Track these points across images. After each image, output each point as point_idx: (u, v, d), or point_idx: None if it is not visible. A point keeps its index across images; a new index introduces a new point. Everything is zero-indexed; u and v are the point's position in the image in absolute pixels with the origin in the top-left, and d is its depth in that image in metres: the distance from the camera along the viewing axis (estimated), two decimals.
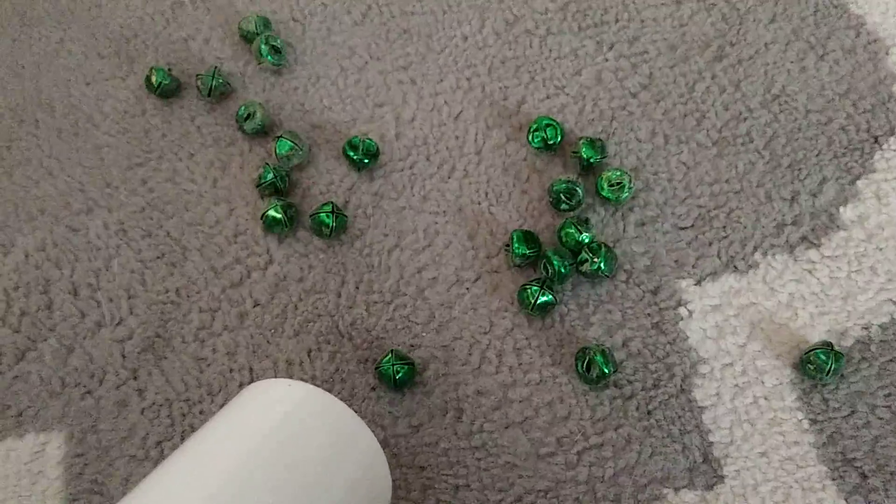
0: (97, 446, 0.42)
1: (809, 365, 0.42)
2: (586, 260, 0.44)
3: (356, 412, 0.42)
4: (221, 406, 0.43)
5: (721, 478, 0.41)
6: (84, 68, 0.53)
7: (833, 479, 0.40)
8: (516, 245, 0.45)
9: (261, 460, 0.30)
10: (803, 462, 0.41)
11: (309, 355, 0.44)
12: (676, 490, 0.40)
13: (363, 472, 0.33)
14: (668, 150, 0.49)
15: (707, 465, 0.41)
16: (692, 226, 0.47)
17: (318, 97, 0.51)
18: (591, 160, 0.47)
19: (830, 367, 0.41)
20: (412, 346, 0.44)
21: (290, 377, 0.43)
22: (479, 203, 0.48)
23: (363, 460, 0.33)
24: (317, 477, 0.31)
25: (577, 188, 0.45)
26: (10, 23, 0.55)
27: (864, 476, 0.40)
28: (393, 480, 0.41)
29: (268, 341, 0.44)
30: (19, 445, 0.42)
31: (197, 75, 0.51)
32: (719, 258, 0.46)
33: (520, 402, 0.43)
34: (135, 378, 0.44)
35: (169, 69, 0.52)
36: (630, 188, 0.46)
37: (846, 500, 0.40)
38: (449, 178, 0.49)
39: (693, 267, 0.45)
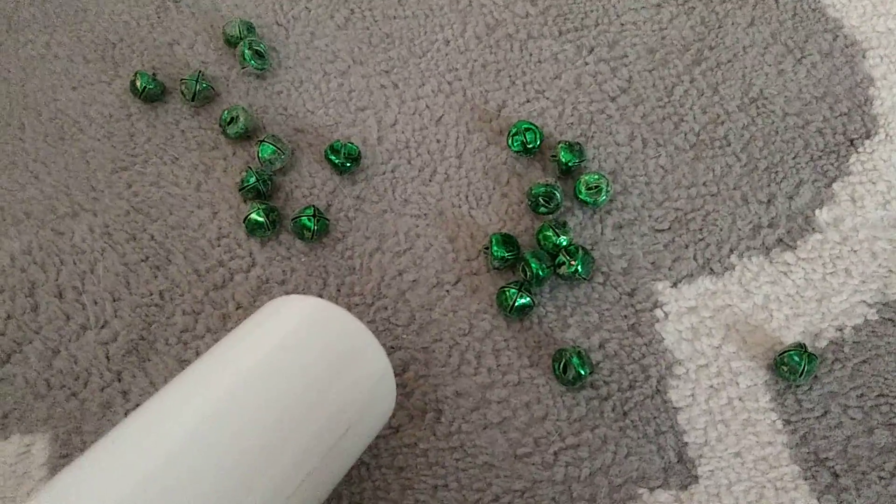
0: (82, 448, 0.43)
1: (783, 366, 0.42)
2: (564, 262, 0.44)
3: None
4: None
5: (695, 478, 0.41)
6: (70, 73, 0.54)
7: (805, 479, 0.41)
8: (495, 248, 0.45)
9: (268, 367, 0.32)
10: (776, 462, 0.41)
11: None
12: (651, 490, 0.41)
13: (369, 378, 0.35)
14: (646, 154, 0.49)
15: (682, 466, 0.41)
16: (669, 228, 0.47)
17: (300, 101, 0.52)
18: (570, 164, 0.47)
19: (804, 369, 0.42)
20: (392, 347, 0.45)
21: None
22: (460, 206, 0.48)
23: (369, 368, 0.35)
24: (322, 383, 0.33)
25: (556, 192, 0.46)
26: None
27: (836, 475, 0.41)
28: (372, 482, 0.41)
29: None
30: (4, 447, 0.43)
31: (181, 80, 0.51)
32: (695, 260, 0.46)
33: (498, 402, 0.43)
34: (119, 380, 0.44)
35: (153, 74, 0.52)
36: (608, 192, 0.46)
37: (818, 499, 0.41)
38: (430, 181, 0.49)
39: (669, 269, 0.46)
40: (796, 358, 0.42)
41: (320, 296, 0.46)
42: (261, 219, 0.46)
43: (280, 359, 0.33)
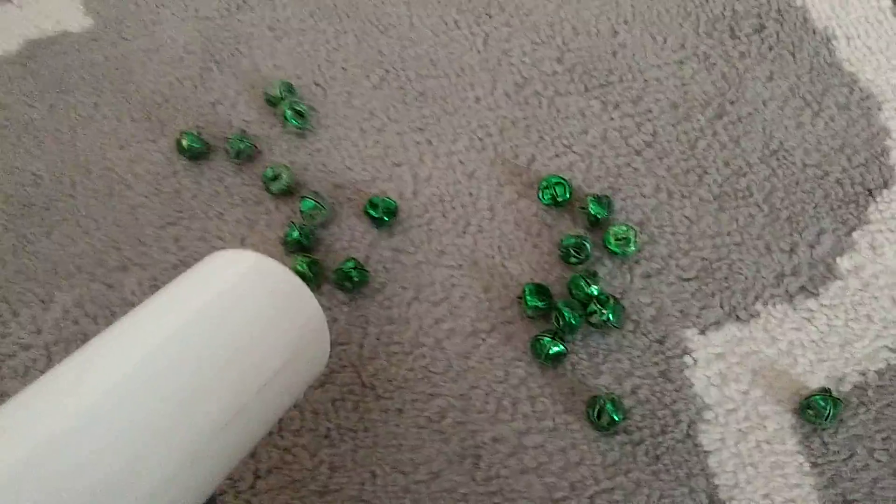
0: None
1: (809, 410, 0.44)
2: (595, 311, 0.46)
3: (379, 460, 0.44)
4: (252, 455, 0.45)
5: None
6: (118, 132, 0.56)
7: None
8: (529, 297, 0.47)
9: (204, 312, 0.34)
10: (805, 503, 0.43)
11: (333, 404, 0.46)
12: None
13: (300, 322, 0.37)
14: (671, 205, 0.51)
15: None
16: (696, 277, 0.49)
17: (339, 158, 0.54)
18: (599, 216, 0.49)
19: (829, 413, 0.43)
20: (431, 394, 0.46)
21: (316, 428, 0.46)
22: (493, 257, 0.50)
23: (300, 312, 0.37)
24: (254, 326, 0.35)
25: (586, 243, 0.48)
26: (48, 90, 0.58)
27: None
28: None
29: None
30: None
31: (225, 138, 0.54)
32: (722, 308, 0.48)
33: (534, 448, 0.45)
34: None
35: (198, 133, 0.55)
36: (636, 242, 0.48)
37: None
38: (464, 233, 0.51)
39: (697, 317, 0.48)
40: (822, 402, 0.43)
41: (361, 345, 0.48)
42: (304, 270, 0.48)
43: (215, 305, 0.35)
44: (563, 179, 0.51)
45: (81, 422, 0.28)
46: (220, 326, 0.34)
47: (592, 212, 0.49)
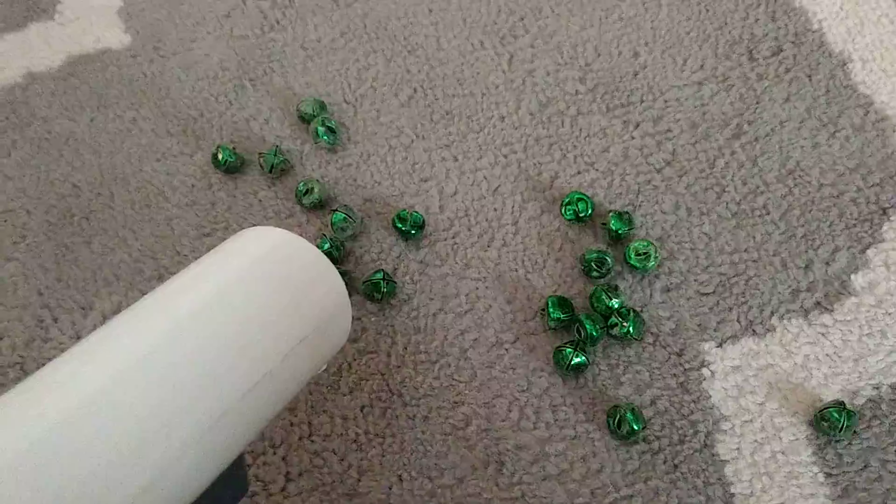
0: None
1: (824, 422, 0.45)
2: (616, 324, 0.48)
3: (406, 465, 0.46)
4: (283, 458, 0.47)
5: None
6: (155, 146, 0.59)
7: None
8: (551, 309, 0.49)
9: (231, 283, 0.36)
10: None
11: (362, 411, 0.48)
12: None
13: (323, 292, 0.39)
14: (690, 222, 0.53)
15: None
16: (713, 292, 0.51)
17: (369, 173, 0.56)
18: (620, 231, 0.51)
19: (843, 425, 0.44)
20: (456, 402, 0.48)
21: (345, 433, 0.47)
22: (517, 270, 0.52)
23: (323, 284, 0.39)
24: (282, 300, 0.37)
25: (607, 257, 0.50)
26: (88, 104, 0.61)
27: None
28: None
29: (325, 398, 0.48)
30: None
31: (259, 153, 0.56)
32: (739, 322, 0.49)
33: (556, 455, 0.46)
34: None
35: (233, 147, 0.57)
36: (656, 257, 0.50)
37: None
38: (489, 247, 0.53)
39: (715, 330, 0.49)
40: (836, 414, 0.45)
41: (389, 354, 0.50)
42: None
43: (245, 275, 0.37)
44: (586, 196, 0.52)
45: (115, 383, 0.30)
46: (248, 295, 0.36)
47: (614, 227, 0.51)
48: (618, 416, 0.45)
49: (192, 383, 0.32)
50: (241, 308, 0.36)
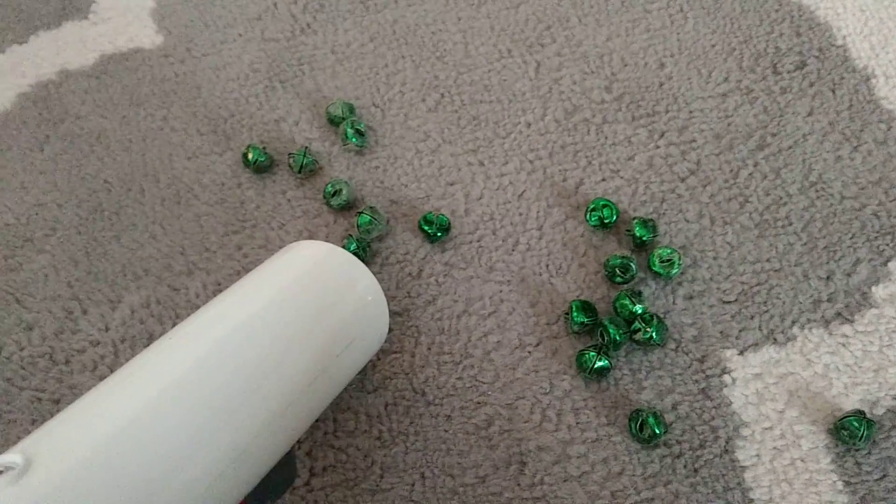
0: None
1: (843, 431, 0.46)
2: (639, 329, 0.48)
3: (429, 463, 0.47)
4: (308, 453, 0.47)
5: None
6: (185, 144, 0.59)
7: None
8: (575, 314, 0.49)
9: (283, 297, 0.40)
10: None
11: (386, 409, 0.49)
12: None
13: (364, 304, 0.44)
14: (713, 231, 0.53)
15: None
16: (736, 300, 0.51)
17: (396, 176, 0.57)
18: (644, 238, 0.52)
19: (863, 434, 0.45)
20: (479, 403, 0.49)
21: (369, 430, 0.48)
22: (541, 274, 0.53)
23: (365, 297, 0.44)
24: (326, 309, 0.41)
25: (631, 263, 0.50)
26: (120, 102, 0.62)
27: None
28: None
29: (350, 396, 0.49)
30: None
31: (289, 154, 0.56)
32: (760, 331, 0.50)
33: (577, 457, 0.47)
34: None
35: (263, 147, 0.58)
36: (679, 265, 0.51)
37: None
38: (513, 251, 0.54)
39: (736, 338, 0.50)
40: (855, 423, 0.45)
41: (413, 354, 0.50)
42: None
43: (292, 291, 0.41)
44: (611, 202, 0.53)
45: (196, 376, 0.34)
46: (306, 306, 0.40)
47: (638, 234, 0.52)
48: (639, 420, 0.46)
49: (265, 376, 0.36)
50: (301, 316, 0.39)
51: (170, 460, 0.31)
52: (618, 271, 0.51)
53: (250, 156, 0.56)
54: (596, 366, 0.48)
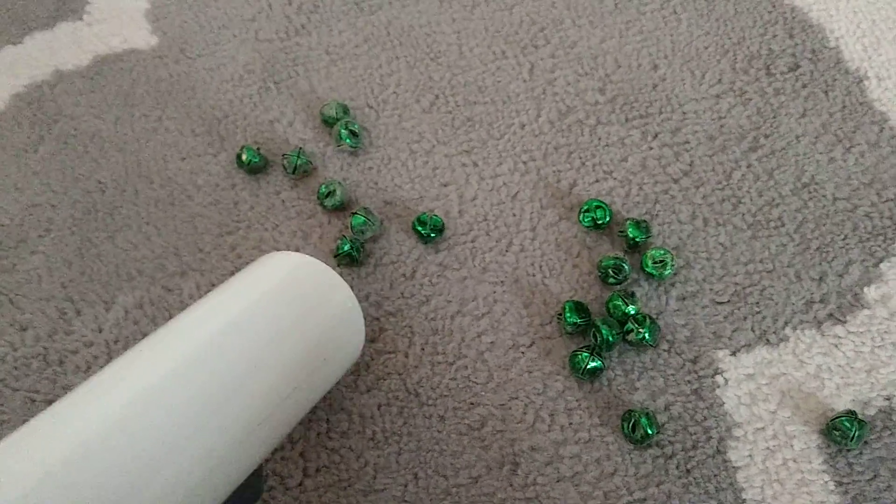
0: None
1: (835, 431, 0.46)
2: (632, 330, 0.48)
3: (422, 464, 0.47)
4: (301, 454, 0.48)
5: None
6: (180, 145, 0.59)
7: None
8: (568, 314, 0.49)
9: (258, 309, 0.39)
10: None
11: (379, 409, 0.49)
12: None
13: (341, 319, 0.43)
14: (706, 232, 0.54)
15: None
16: (728, 301, 0.51)
17: (389, 177, 0.57)
18: (637, 239, 0.52)
19: (855, 434, 0.45)
20: (472, 403, 0.49)
21: (363, 431, 0.48)
22: (534, 275, 0.53)
23: (341, 311, 0.43)
24: (303, 324, 0.40)
25: (624, 264, 0.50)
26: (114, 103, 0.62)
27: None
28: None
29: (343, 396, 0.49)
30: None
31: (283, 155, 0.57)
32: (753, 331, 0.50)
33: (570, 458, 0.47)
34: None
35: (257, 148, 0.58)
36: (672, 266, 0.51)
37: None
38: (507, 251, 0.54)
39: (729, 339, 0.50)
40: (847, 424, 0.45)
41: (406, 354, 0.50)
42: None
43: (268, 304, 0.40)
44: (604, 203, 0.53)
45: (161, 390, 0.33)
46: (278, 322, 0.39)
47: (631, 235, 0.52)
48: (632, 421, 0.46)
49: (237, 391, 0.35)
50: (277, 331, 0.39)
51: (137, 476, 0.31)
52: (611, 272, 0.51)
53: (244, 157, 0.56)
54: (589, 366, 0.48)
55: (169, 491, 0.32)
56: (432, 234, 0.53)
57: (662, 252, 0.51)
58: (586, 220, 0.53)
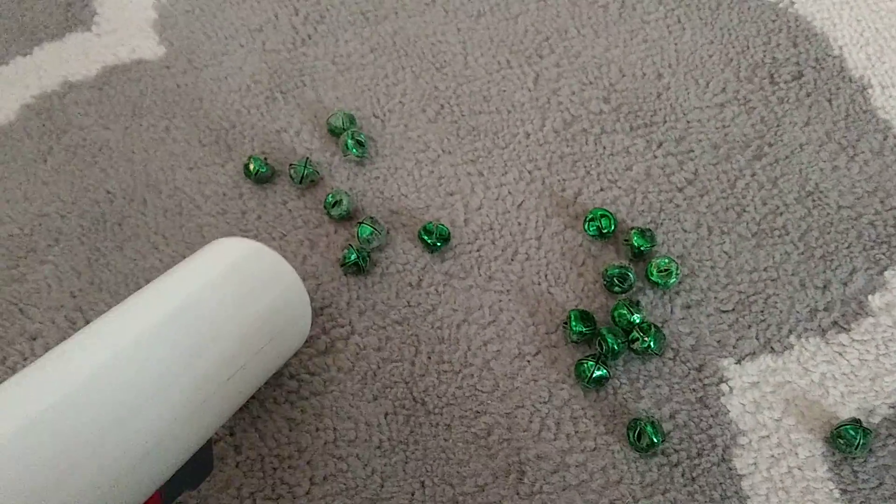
0: (196, 496, 0.47)
1: (840, 439, 0.46)
2: (637, 338, 0.49)
3: (428, 472, 0.47)
4: (308, 462, 0.48)
5: None
6: (187, 155, 0.60)
7: None
8: (573, 323, 0.50)
9: (203, 293, 0.41)
10: None
11: (386, 418, 0.49)
12: None
13: (286, 301, 0.45)
14: (711, 241, 0.54)
15: None
16: (733, 310, 0.51)
17: (396, 186, 0.57)
18: (642, 248, 0.52)
19: (859, 442, 0.45)
20: (478, 412, 0.49)
21: (369, 439, 0.48)
22: (539, 284, 0.53)
23: (287, 293, 0.45)
24: (248, 305, 0.42)
25: (629, 273, 0.51)
26: (122, 113, 0.62)
27: None
28: None
29: (350, 405, 0.50)
30: None
31: (290, 164, 0.57)
32: (757, 340, 0.50)
33: (576, 466, 0.47)
34: (231, 435, 0.49)
35: (265, 158, 0.58)
36: (677, 274, 0.51)
37: None
38: (512, 260, 0.54)
39: (734, 347, 0.50)
40: (852, 432, 0.45)
41: (413, 363, 0.51)
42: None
43: (214, 286, 0.41)
44: (609, 212, 0.53)
45: (112, 368, 0.35)
46: (225, 303, 0.41)
47: (636, 244, 0.52)
48: (638, 429, 0.46)
49: (183, 368, 0.37)
50: (222, 311, 0.40)
51: (84, 447, 0.32)
52: (616, 281, 0.51)
53: (251, 166, 0.57)
54: (594, 375, 0.48)
55: (114, 463, 0.33)
56: (438, 243, 0.54)
57: (667, 261, 0.51)
58: (591, 228, 0.54)
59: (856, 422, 0.46)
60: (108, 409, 0.33)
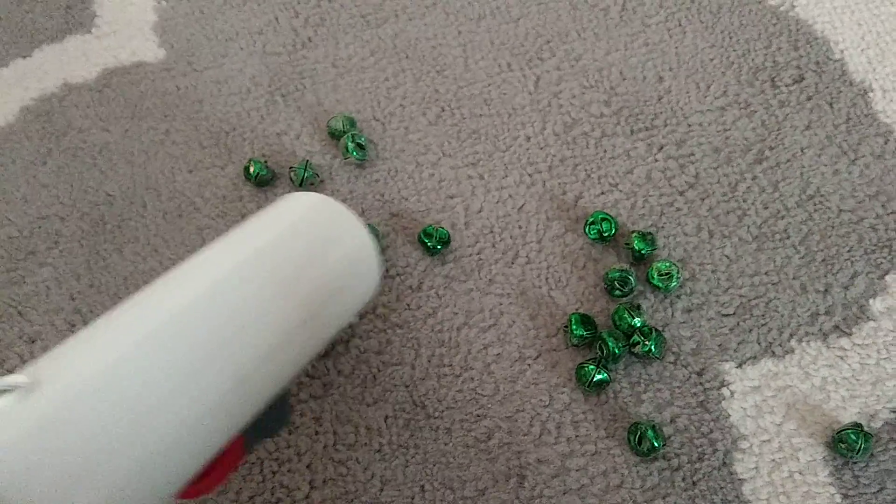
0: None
1: (841, 444, 0.46)
2: (638, 342, 0.48)
3: (428, 476, 0.47)
4: (308, 466, 0.48)
5: None
6: (187, 157, 0.60)
7: None
8: (574, 327, 0.50)
9: (277, 243, 0.42)
10: None
11: (386, 421, 0.49)
12: None
13: (355, 252, 0.45)
14: (712, 244, 0.54)
15: None
16: (734, 313, 0.51)
17: (396, 189, 0.57)
18: (643, 251, 0.52)
19: (860, 447, 0.45)
20: (479, 415, 0.49)
21: (369, 443, 0.48)
22: (540, 287, 0.53)
23: (356, 246, 0.45)
24: (318, 256, 0.43)
25: (630, 276, 0.51)
26: (122, 116, 0.62)
27: None
28: None
29: (350, 408, 0.49)
30: None
31: (290, 167, 0.57)
32: (758, 344, 0.50)
33: (577, 470, 0.47)
34: None
35: (265, 161, 0.58)
36: (678, 278, 0.51)
37: None
38: (513, 263, 0.54)
39: (735, 351, 0.50)
40: (853, 436, 0.45)
41: (413, 367, 0.51)
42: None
43: (283, 237, 0.42)
44: (609, 216, 0.53)
45: (189, 314, 0.36)
46: (294, 255, 0.42)
47: (637, 247, 0.52)
48: (638, 433, 0.46)
49: (259, 313, 0.38)
50: (292, 260, 0.41)
51: (171, 384, 0.33)
52: (617, 284, 0.51)
53: (252, 169, 0.57)
54: (595, 379, 0.48)
55: (200, 400, 0.34)
56: (438, 247, 0.53)
57: (668, 264, 0.51)
58: (592, 232, 0.53)
59: (857, 426, 0.46)
60: (192, 348, 0.35)
